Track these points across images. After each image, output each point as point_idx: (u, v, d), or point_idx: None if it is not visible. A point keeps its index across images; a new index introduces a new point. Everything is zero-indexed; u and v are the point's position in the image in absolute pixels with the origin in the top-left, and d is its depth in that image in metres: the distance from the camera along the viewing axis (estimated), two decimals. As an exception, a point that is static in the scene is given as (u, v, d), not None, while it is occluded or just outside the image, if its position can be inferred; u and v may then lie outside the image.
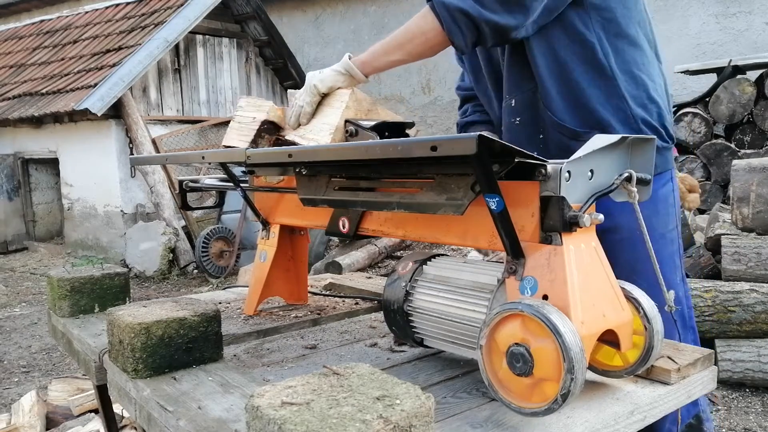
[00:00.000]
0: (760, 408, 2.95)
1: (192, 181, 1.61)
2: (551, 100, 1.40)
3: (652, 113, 1.40)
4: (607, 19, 1.35)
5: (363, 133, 1.26)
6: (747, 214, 3.22)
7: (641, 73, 1.40)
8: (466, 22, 1.26)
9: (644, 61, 1.41)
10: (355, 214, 1.23)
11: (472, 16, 1.25)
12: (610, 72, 1.37)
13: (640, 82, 1.39)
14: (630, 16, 1.38)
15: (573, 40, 1.36)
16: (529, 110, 1.45)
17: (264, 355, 1.28)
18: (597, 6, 1.34)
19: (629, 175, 0.93)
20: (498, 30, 1.28)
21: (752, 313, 3.04)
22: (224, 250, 6.43)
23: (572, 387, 0.80)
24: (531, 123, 1.45)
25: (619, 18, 1.36)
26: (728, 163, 5.08)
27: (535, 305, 0.83)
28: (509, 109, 1.50)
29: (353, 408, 0.67)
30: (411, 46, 1.32)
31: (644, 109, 1.40)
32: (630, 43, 1.38)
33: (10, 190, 8.23)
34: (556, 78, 1.39)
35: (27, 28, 9.82)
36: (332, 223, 1.29)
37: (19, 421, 2.54)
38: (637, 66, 1.40)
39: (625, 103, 1.38)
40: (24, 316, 5.20)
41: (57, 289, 1.52)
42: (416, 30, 1.31)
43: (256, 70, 8.84)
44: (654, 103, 1.41)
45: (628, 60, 1.38)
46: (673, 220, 1.45)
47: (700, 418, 1.48)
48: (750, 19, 7.16)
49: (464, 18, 1.25)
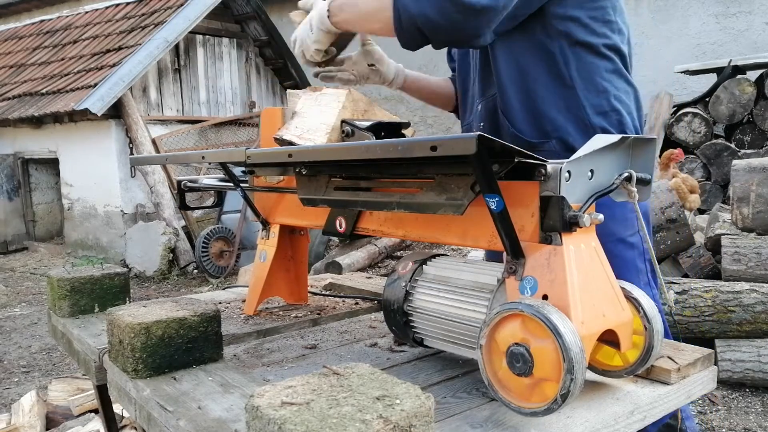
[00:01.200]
0: (760, 408, 2.95)
1: (190, 181, 1.61)
2: (510, 108, 1.41)
3: (612, 121, 1.40)
4: (568, 27, 1.34)
5: (359, 133, 1.26)
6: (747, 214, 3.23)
7: (603, 81, 1.39)
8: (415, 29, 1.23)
9: (607, 69, 1.40)
10: (352, 214, 1.23)
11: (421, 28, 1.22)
12: (570, 81, 1.37)
13: (602, 89, 1.39)
14: (591, 25, 1.36)
15: (534, 48, 1.36)
16: (489, 117, 1.47)
17: (264, 355, 1.28)
18: (560, 15, 1.33)
19: (629, 175, 0.93)
20: (451, 42, 1.30)
21: (752, 313, 3.04)
22: (224, 250, 6.44)
23: (572, 387, 0.80)
24: (493, 130, 1.46)
25: (581, 26, 1.35)
26: (728, 163, 5.09)
27: (535, 305, 0.83)
28: (477, 114, 1.52)
29: (353, 408, 0.67)
30: (369, 26, 1.38)
31: (604, 117, 1.39)
32: (591, 51, 1.37)
33: (10, 190, 8.24)
34: (516, 86, 1.39)
35: (27, 28, 9.82)
36: (329, 222, 1.29)
37: (19, 421, 2.54)
38: (599, 74, 1.39)
39: (584, 111, 1.37)
40: (24, 316, 5.21)
41: (57, 289, 1.52)
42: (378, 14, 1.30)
43: (256, 70, 8.84)
44: (615, 111, 1.40)
45: (589, 69, 1.37)
46: (634, 225, 1.44)
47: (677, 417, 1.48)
48: (750, 19, 7.16)
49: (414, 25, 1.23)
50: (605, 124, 1.39)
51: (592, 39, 1.37)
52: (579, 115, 1.38)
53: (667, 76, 6.99)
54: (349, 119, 1.29)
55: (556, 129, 1.38)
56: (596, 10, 1.37)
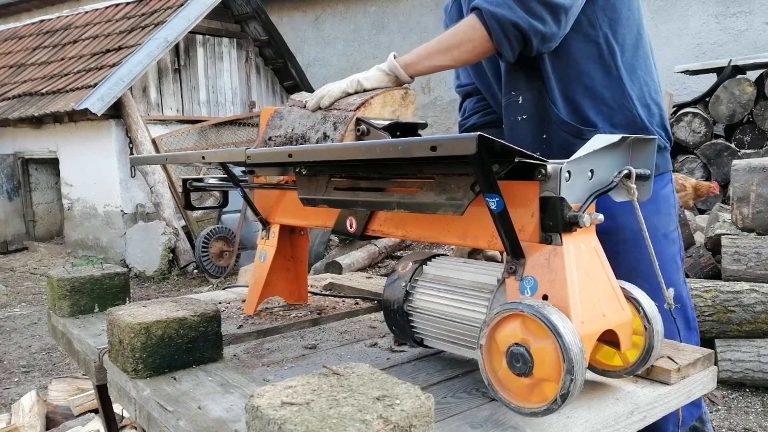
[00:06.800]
0: (760, 408, 2.95)
1: (196, 180, 1.60)
2: (557, 98, 1.40)
3: (654, 114, 1.41)
4: (612, 19, 1.36)
5: (375, 132, 1.25)
6: (747, 214, 3.22)
7: (643, 74, 1.41)
8: (515, 35, 1.25)
9: (646, 63, 1.42)
10: (363, 214, 1.23)
11: (523, 29, 1.24)
12: (616, 71, 1.38)
13: (643, 82, 1.41)
14: (633, 18, 1.39)
15: (581, 38, 1.37)
16: (536, 108, 1.46)
17: (264, 355, 1.28)
18: (603, 6, 1.35)
19: (628, 171, 0.93)
20: (545, 39, 1.29)
21: (752, 313, 3.04)
22: (224, 250, 6.43)
23: (571, 388, 0.80)
24: (536, 121, 1.45)
25: (623, 19, 1.37)
26: (728, 163, 5.09)
27: (536, 305, 0.83)
28: (515, 106, 1.50)
29: (353, 408, 0.67)
30: (457, 52, 1.32)
31: (647, 110, 1.41)
32: (633, 44, 1.40)
33: (10, 190, 8.23)
34: (564, 76, 1.39)
35: (27, 28, 9.82)
36: (339, 222, 1.28)
37: (19, 421, 2.54)
38: (640, 67, 1.41)
39: (631, 102, 1.38)
40: (24, 316, 5.20)
41: (57, 289, 1.52)
42: (463, 38, 1.30)
43: (256, 70, 8.84)
44: (656, 104, 1.42)
45: (631, 61, 1.39)
46: (675, 220, 1.45)
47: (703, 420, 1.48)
48: (750, 19, 7.16)
49: (515, 30, 1.24)
50: (648, 116, 1.40)
51: (633, 32, 1.39)
52: (626, 106, 1.38)
53: (667, 76, 6.99)
54: (365, 118, 1.27)
55: (603, 119, 1.38)
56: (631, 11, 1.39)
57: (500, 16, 1.24)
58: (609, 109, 1.38)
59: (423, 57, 1.34)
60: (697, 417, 1.46)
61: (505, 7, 1.23)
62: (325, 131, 1.26)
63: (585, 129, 1.38)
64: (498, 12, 1.24)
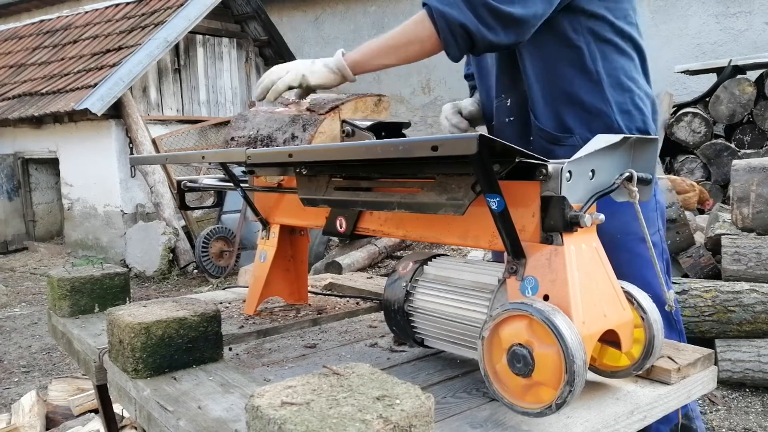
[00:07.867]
0: (760, 408, 2.95)
1: (190, 181, 1.61)
2: (536, 103, 1.41)
3: (636, 120, 1.40)
4: (595, 24, 1.35)
5: (360, 133, 1.27)
6: (747, 214, 3.22)
7: (627, 80, 1.40)
8: (462, 35, 1.24)
9: (630, 68, 1.41)
10: (352, 214, 1.23)
11: (471, 32, 1.23)
12: (596, 77, 1.37)
13: (626, 88, 1.39)
14: (616, 23, 1.38)
15: (562, 44, 1.36)
16: (522, 111, 1.46)
17: (264, 355, 1.28)
18: (585, 11, 1.34)
19: (630, 174, 0.93)
20: (493, 47, 1.29)
21: (752, 313, 3.04)
22: (224, 250, 6.43)
23: (569, 398, 0.81)
24: (523, 124, 1.46)
25: (606, 24, 1.36)
26: (728, 163, 5.09)
27: (545, 311, 0.82)
28: (504, 108, 1.51)
29: (353, 408, 0.66)
30: (405, 51, 1.32)
31: (628, 116, 1.39)
32: (616, 49, 1.38)
33: (10, 190, 8.23)
34: (543, 81, 1.39)
35: (27, 28, 9.81)
36: (329, 222, 1.29)
37: (19, 421, 2.54)
38: (624, 72, 1.39)
39: (610, 108, 1.38)
40: (24, 316, 5.20)
41: (57, 289, 1.51)
42: (412, 36, 1.30)
43: (256, 70, 8.83)
44: (638, 110, 1.41)
45: (614, 66, 1.38)
46: (655, 224, 1.44)
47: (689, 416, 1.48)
48: (750, 19, 7.16)
49: (462, 31, 1.24)
50: (628, 123, 1.39)
51: (617, 38, 1.38)
52: (604, 112, 1.38)
53: (667, 76, 6.99)
54: (349, 119, 1.29)
55: (580, 124, 1.38)
56: (619, 11, 1.38)
57: (449, 15, 1.23)
58: (588, 115, 1.38)
59: (372, 56, 1.34)
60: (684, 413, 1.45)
61: (455, 8, 1.22)
62: (293, 132, 1.27)
63: (561, 135, 1.39)
64: (446, 11, 1.23)
